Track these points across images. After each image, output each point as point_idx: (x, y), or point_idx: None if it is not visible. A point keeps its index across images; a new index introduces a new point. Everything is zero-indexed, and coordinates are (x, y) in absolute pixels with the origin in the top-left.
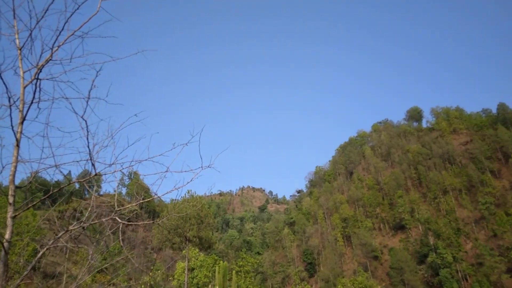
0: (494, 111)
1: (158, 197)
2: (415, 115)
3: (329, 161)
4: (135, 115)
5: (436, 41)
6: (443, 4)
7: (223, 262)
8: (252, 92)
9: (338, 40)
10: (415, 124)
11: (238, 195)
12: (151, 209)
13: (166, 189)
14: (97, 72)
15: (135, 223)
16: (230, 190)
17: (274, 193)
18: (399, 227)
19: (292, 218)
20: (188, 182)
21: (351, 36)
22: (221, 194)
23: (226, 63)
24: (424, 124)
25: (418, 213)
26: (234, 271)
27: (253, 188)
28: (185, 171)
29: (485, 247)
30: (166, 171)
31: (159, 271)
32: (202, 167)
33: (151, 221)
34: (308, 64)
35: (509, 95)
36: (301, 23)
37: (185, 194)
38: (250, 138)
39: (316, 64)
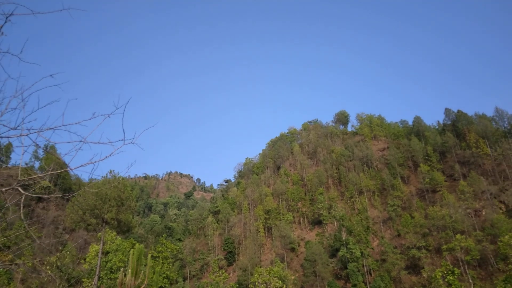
0: (410, 123)
1: (71, 169)
2: (342, 118)
3: (259, 154)
4: (51, 75)
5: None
6: (385, 11)
7: (140, 244)
8: (191, 79)
9: (276, 40)
10: (341, 127)
11: (165, 180)
12: (67, 187)
13: (83, 163)
14: (6, 17)
15: (41, 195)
16: (157, 174)
17: (202, 181)
18: (317, 222)
19: (217, 207)
20: (106, 157)
21: (292, 37)
22: (146, 177)
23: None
24: (349, 128)
25: (335, 210)
26: (150, 255)
27: (181, 174)
28: (103, 143)
29: (389, 245)
30: (82, 141)
31: (67, 252)
32: (124, 141)
33: (62, 195)
34: (258, 62)
35: (424, 109)
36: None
37: (106, 174)
38: (187, 125)
39: (265, 61)
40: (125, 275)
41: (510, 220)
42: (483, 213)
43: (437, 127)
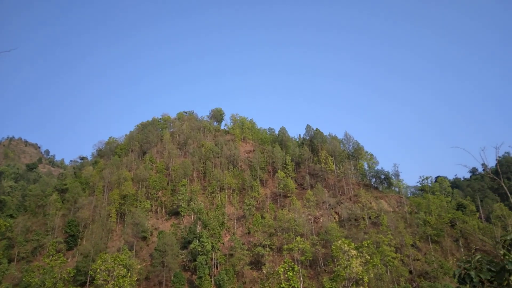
0: (277, 132)
1: None
2: (217, 115)
3: (126, 135)
4: None
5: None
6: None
7: None
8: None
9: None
10: (215, 123)
11: (4, 146)
12: None
13: None
14: None
15: None
16: None
17: (51, 153)
18: (175, 213)
19: (66, 184)
20: None
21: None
22: None
23: None
24: (222, 126)
25: (194, 203)
26: None
27: (26, 142)
28: None
29: (238, 241)
30: None
31: None
32: None
33: None
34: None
35: (291, 122)
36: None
37: None
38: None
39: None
40: None
41: (341, 228)
42: (321, 220)
43: (297, 140)
